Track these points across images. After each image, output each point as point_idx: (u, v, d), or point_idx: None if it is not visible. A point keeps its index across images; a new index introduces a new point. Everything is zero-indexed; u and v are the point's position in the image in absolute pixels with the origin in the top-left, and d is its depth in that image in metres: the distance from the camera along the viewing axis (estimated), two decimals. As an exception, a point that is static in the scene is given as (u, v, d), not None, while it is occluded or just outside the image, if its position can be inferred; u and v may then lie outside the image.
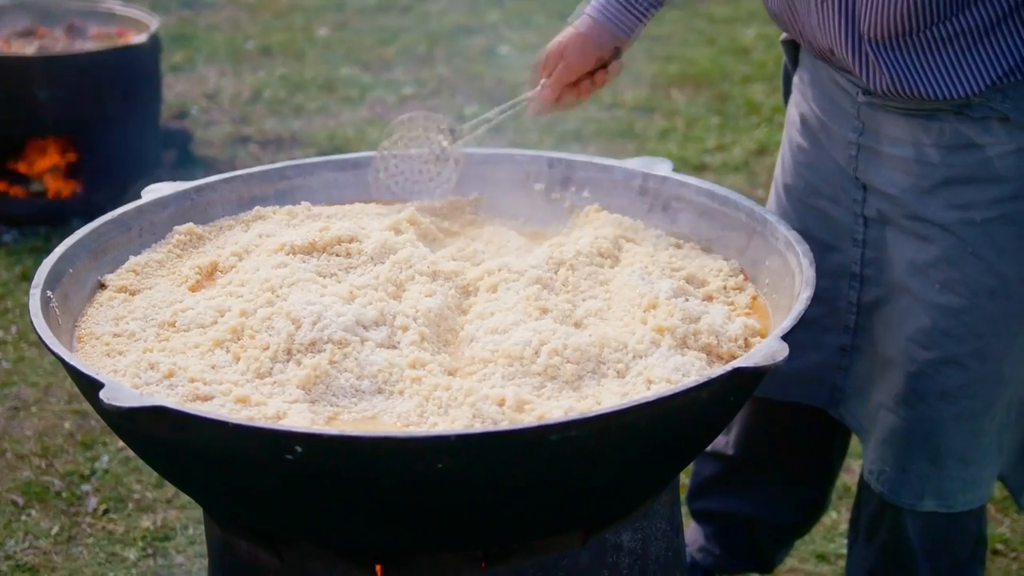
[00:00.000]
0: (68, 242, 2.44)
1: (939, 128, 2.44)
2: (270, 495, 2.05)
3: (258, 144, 6.28)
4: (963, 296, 2.49)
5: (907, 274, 2.55)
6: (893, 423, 2.62)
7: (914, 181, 2.49)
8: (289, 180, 2.77)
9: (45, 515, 3.62)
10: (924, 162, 2.47)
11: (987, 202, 2.44)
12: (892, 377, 2.62)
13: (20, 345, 4.46)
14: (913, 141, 2.47)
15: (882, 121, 2.51)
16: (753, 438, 3.06)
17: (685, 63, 7.24)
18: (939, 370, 2.54)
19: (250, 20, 8.15)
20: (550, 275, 2.40)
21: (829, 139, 2.64)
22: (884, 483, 2.67)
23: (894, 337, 2.60)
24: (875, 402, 2.68)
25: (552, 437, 1.90)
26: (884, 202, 2.56)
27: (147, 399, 1.95)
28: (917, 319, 2.54)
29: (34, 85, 5.28)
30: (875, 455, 2.68)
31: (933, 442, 2.59)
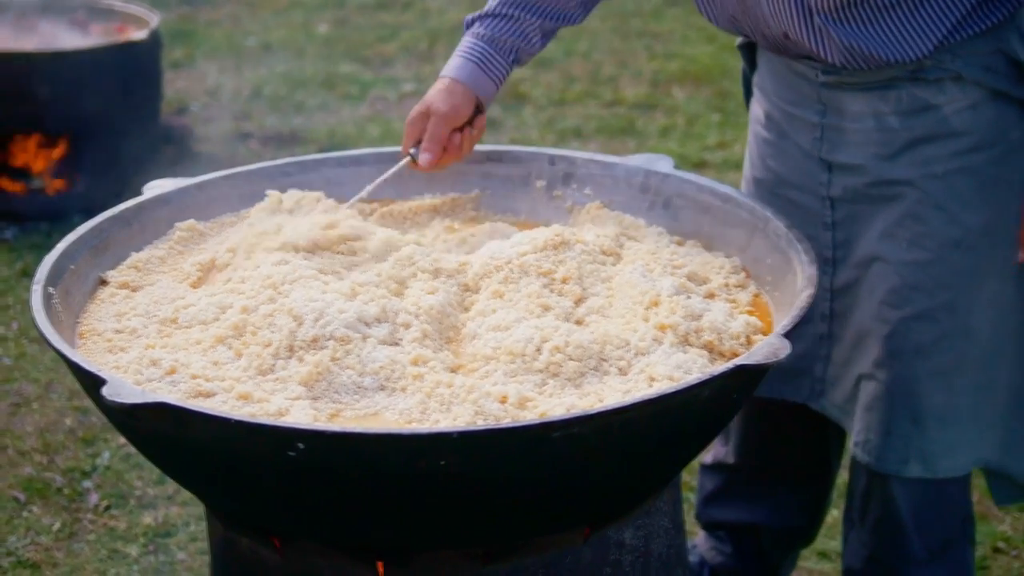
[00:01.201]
0: (70, 238, 2.45)
1: (896, 96, 2.53)
2: (272, 492, 2.05)
3: (258, 141, 6.27)
4: (930, 250, 2.57)
5: (877, 241, 2.61)
6: (875, 389, 2.67)
7: (877, 149, 2.58)
8: (290, 177, 2.77)
9: (46, 511, 3.62)
10: (885, 129, 2.56)
11: (947, 156, 2.54)
12: (869, 344, 2.67)
13: (21, 341, 4.46)
14: (873, 112, 2.56)
15: (843, 99, 2.59)
16: (750, 444, 3.09)
17: (686, 60, 7.24)
18: (911, 326, 2.61)
19: (250, 17, 8.14)
20: (550, 265, 2.39)
21: (793, 127, 2.70)
22: (870, 451, 2.71)
23: (867, 307, 2.66)
24: (855, 377, 2.72)
25: (554, 434, 1.90)
26: (850, 176, 2.63)
27: (149, 396, 1.95)
28: (887, 281, 2.61)
29: (35, 81, 5.27)
30: (860, 426, 2.72)
31: (912, 401, 2.64)
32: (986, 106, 2.52)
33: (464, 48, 2.69)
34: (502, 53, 2.68)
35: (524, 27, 2.69)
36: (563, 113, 6.61)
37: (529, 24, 2.69)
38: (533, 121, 6.50)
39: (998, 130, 2.53)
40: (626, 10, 7.99)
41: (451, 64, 2.69)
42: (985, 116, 2.52)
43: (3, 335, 4.50)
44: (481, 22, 2.70)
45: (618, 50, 7.45)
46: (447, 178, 2.81)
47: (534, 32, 2.70)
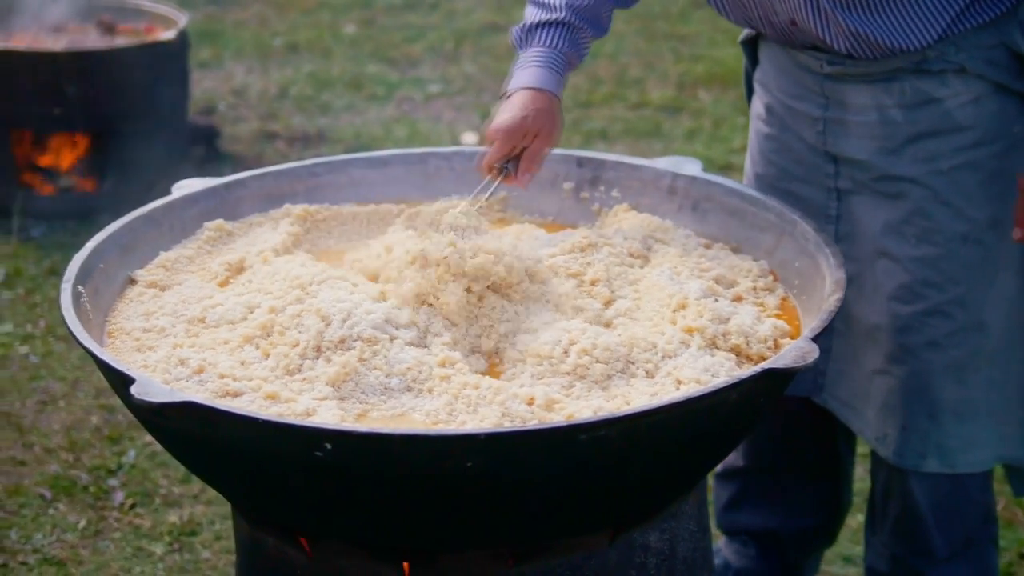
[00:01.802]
0: (99, 237, 2.45)
1: (899, 88, 2.55)
2: (299, 492, 2.06)
3: (285, 141, 6.29)
4: (938, 245, 2.58)
5: (883, 236, 2.62)
6: (890, 384, 2.68)
7: (880, 143, 2.59)
8: (318, 177, 2.78)
9: (72, 509, 3.64)
10: (888, 123, 2.57)
11: (951, 151, 2.55)
12: (879, 340, 2.68)
13: (48, 340, 4.48)
14: (876, 105, 2.57)
15: (846, 92, 2.60)
16: (759, 444, 3.09)
17: (712, 63, 7.23)
18: (924, 321, 2.62)
19: (278, 17, 8.16)
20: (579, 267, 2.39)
21: (796, 120, 2.72)
22: (889, 446, 2.71)
23: (874, 302, 2.66)
24: (867, 372, 2.72)
25: (581, 436, 1.90)
26: (855, 170, 2.64)
27: (177, 395, 1.96)
28: (897, 277, 2.62)
29: (63, 80, 5.29)
30: (877, 422, 2.72)
31: (928, 396, 2.65)
32: (989, 100, 2.53)
33: (543, 57, 2.62)
34: (565, 60, 2.64)
35: (579, 36, 2.65)
36: (589, 115, 6.60)
37: (582, 33, 2.66)
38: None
39: (1001, 124, 2.54)
40: (652, 12, 7.99)
41: (537, 74, 2.61)
42: (988, 110, 2.53)
43: (31, 333, 4.52)
44: (544, 30, 2.64)
45: (644, 52, 7.45)
46: (475, 179, 2.80)
47: (585, 42, 2.67)
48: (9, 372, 4.28)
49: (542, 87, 2.58)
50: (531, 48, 2.64)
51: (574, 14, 2.64)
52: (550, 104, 2.59)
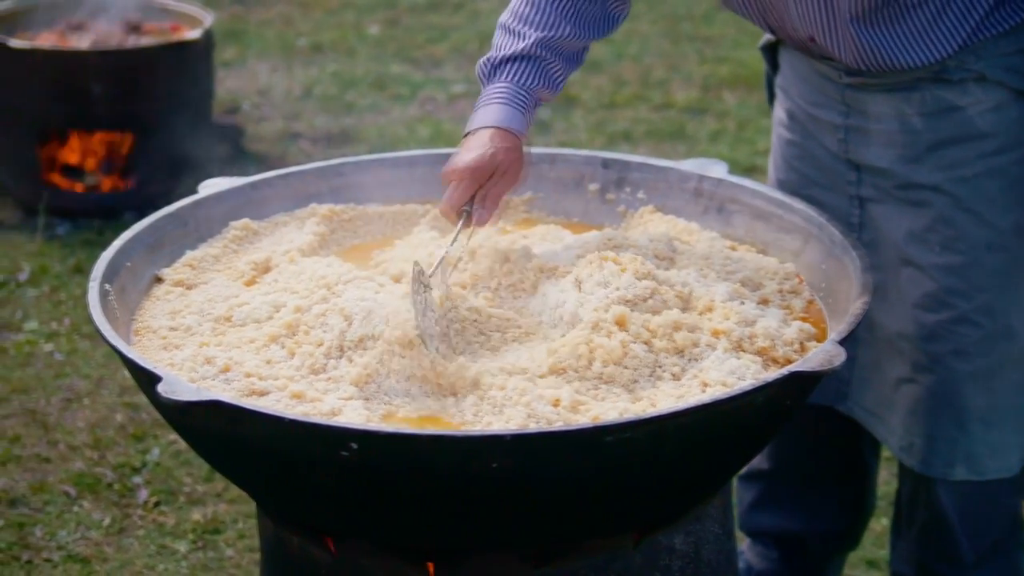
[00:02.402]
0: (126, 236, 2.46)
1: (920, 97, 2.54)
2: (324, 491, 2.06)
3: (309, 140, 6.30)
4: (963, 253, 2.57)
5: (906, 244, 2.61)
6: (916, 393, 2.67)
7: (902, 151, 2.58)
8: (344, 177, 2.78)
9: (97, 506, 3.65)
10: (909, 131, 2.56)
11: (973, 158, 2.54)
12: (904, 349, 2.66)
13: (73, 337, 4.49)
14: (897, 114, 2.57)
15: (866, 101, 2.59)
16: (784, 448, 3.08)
17: (736, 64, 7.21)
18: (951, 329, 2.60)
19: (302, 17, 8.17)
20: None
21: (817, 127, 2.71)
22: (915, 455, 2.70)
23: (899, 311, 2.65)
24: (892, 380, 2.71)
25: (607, 438, 1.90)
26: (877, 177, 2.63)
27: (204, 393, 1.97)
28: (921, 286, 2.61)
29: (88, 79, 5.31)
30: (902, 430, 2.71)
31: (955, 404, 2.63)
32: (1010, 106, 2.52)
33: (507, 94, 2.49)
34: (533, 97, 2.51)
35: (550, 71, 2.54)
36: (613, 116, 6.60)
37: (553, 67, 2.54)
38: (582, 124, 6.49)
39: (1023, 130, 2.53)
40: (677, 14, 7.97)
41: (500, 112, 2.47)
42: (1009, 116, 2.52)
43: (56, 331, 4.54)
44: (511, 66, 2.52)
45: (668, 53, 7.44)
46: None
47: (556, 77, 2.55)
48: (34, 370, 4.30)
49: (507, 126, 2.45)
50: (497, 83, 2.51)
51: (544, 48, 2.52)
52: (515, 143, 2.46)
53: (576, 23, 2.55)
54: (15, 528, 3.56)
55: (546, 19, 2.54)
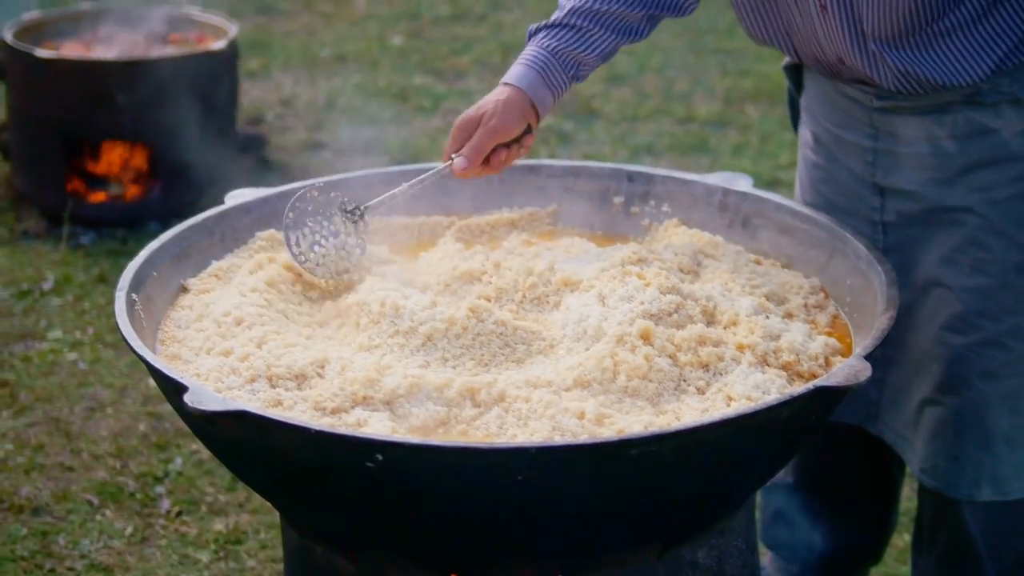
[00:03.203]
0: (152, 246, 2.47)
1: (952, 120, 2.51)
2: (349, 502, 2.06)
3: (332, 151, 6.31)
4: (993, 275, 2.55)
5: (937, 266, 2.59)
6: (940, 414, 2.65)
7: (933, 174, 2.56)
8: (372, 188, 2.78)
9: (119, 515, 3.66)
10: (941, 154, 2.54)
11: (1007, 181, 2.52)
12: (931, 370, 2.65)
13: (97, 346, 4.51)
14: (928, 137, 2.54)
15: (897, 124, 2.57)
16: (812, 464, 3.07)
17: (759, 78, 7.21)
18: (979, 352, 2.58)
19: (326, 28, 8.20)
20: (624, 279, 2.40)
21: (843, 151, 2.69)
22: (939, 478, 2.68)
23: (926, 332, 2.63)
24: (916, 402, 2.70)
25: (632, 451, 1.90)
26: (905, 201, 2.60)
27: (230, 403, 1.97)
28: (950, 307, 2.59)
29: (114, 89, 5.34)
30: (926, 452, 2.69)
31: (981, 426, 2.61)
32: None
33: (527, 56, 2.59)
34: (564, 65, 2.57)
35: (590, 39, 2.59)
36: (635, 129, 6.60)
37: (595, 37, 2.59)
38: (605, 136, 6.49)
39: None
40: (700, 27, 7.97)
41: (512, 71, 2.58)
42: None
43: (79, 340, 4.56)
44: (547, 32, 2.60)
45: (691, 67, 7.44)
46: (525, 192, 2.82)
47: (598, 45, 2.60)
48: (58, 378, 4.31)
49: (515, 83, 2.54)
50: (527, 49, 2.61)
51: (577, 16, 2.58)
52: (518, 100, 2.53)
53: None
54: (38, 536, 3.57)
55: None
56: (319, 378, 2.16)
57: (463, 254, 2.54)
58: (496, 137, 2.53)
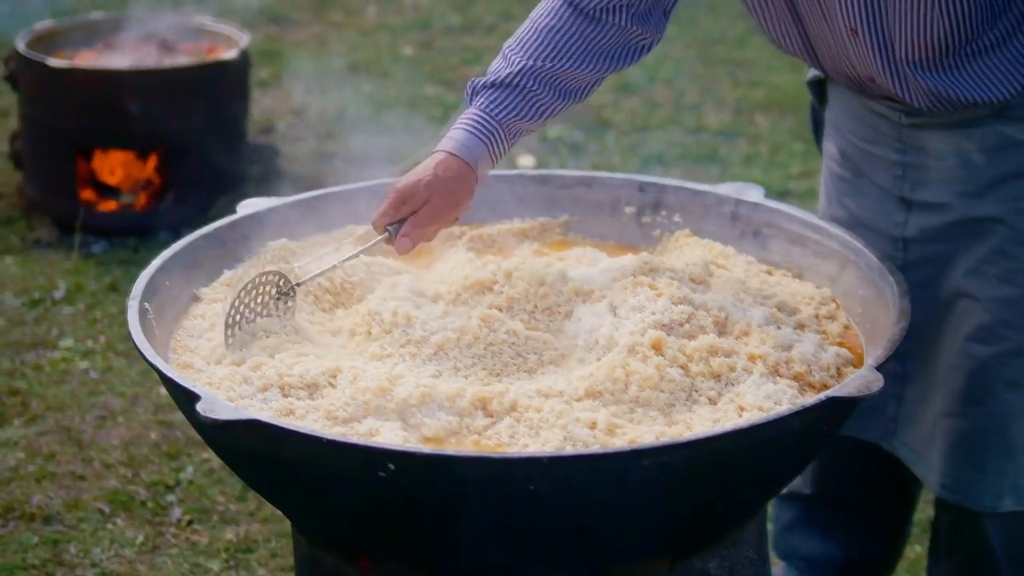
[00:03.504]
0: (165, 255, 2.48)
1: (982, 134, 2.50)
2: (360, 511, 2.07)
3: (343, 161, 6.31)
4: (1020, 285, 2.54)
5: (963, 278, 2.58)
6: (961, 427, 2.63)
7: (962, 187, 2.55)
8: (381, 198, 2.79)
9: (130, 524, 3.67)
10: (971, 167, 2.53)
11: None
12: (952, 382, 2.63)
13: (108, 355, 4.52)
14: (958, 151, 2.53)
15: (925, 138, 2.56)
16: (828, 475, 3.06)
17: (770, 88, 7.21)
18: (1004, 362, 2.57)
19: (337, 38, 8.21)
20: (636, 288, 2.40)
21: (871, 165, 2.68)
22: (961, 491, 2.67)
23: (948, 344, 2.62)
24: (934, 416, 2.68)
25: (644, 462, 1.90)
26: (931, 215, 2.59)
27: (242, 412, 1.98)
28: (975, 318, 2.57)
29: (126, 98, 5.35)
30: (945, 467, 2.67)
31: (1004, 435, 2.60)
32: None
33: (472, 121, 2.43)
34: (508, 133, 2.45)
35: (537, 104, 2.46)
36: (645, 139, 6.60)
37: (543, 100, 2.46)
38: (615, 146, 6.49)
39: None
40: (710, 37, 7.98)
41: (457, 139, 2.41)
42: None
43: (91, 348, 4.57)
44: (494, 93, 2.45)
45: (701, 77, 7.44)
46: (536, 202, 2.82)
47: (544, 110, 2.47)
48: (69, 387, 4.32)
49: (456, 153, 2.39)
50: (471, 109, 2.45)
51: (530, 78, 2.44)
52: (459, 173, 2.39)
53: (582, 57, 2.46)
54: (49, 545, 3.57)
55: (542, 49, 2.46)
56: (331, 387, 2.16)
57: (475, 264, 2.54)
58: (441, 219, 2.43)
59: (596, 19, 2.47)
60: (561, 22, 2.47)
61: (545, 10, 2.50)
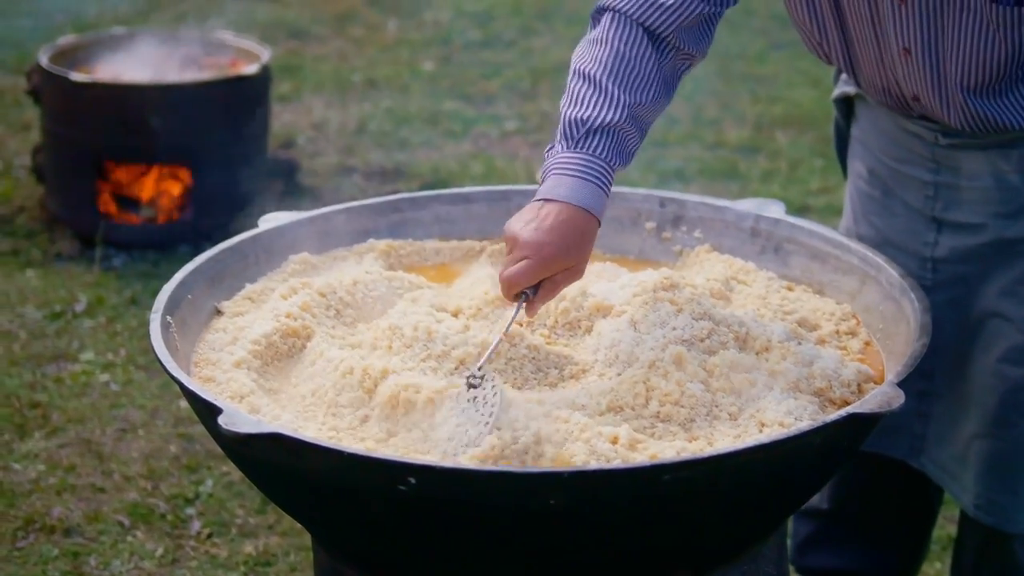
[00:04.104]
0: (187, 268, 2.49)
1: (1018, 155, 2.48)
2: (381, 525, 2.07)
3: (363, 175, 6.34)
4: None
5: (996, 299, 2.56)
6: (995, 448, 2.62)
7: (996, 208, 2.53)
8: (401, 213, 2.80)
9: (150, 537, 3.68)
10: (1006, 188, 2.51)
11: None
12: (985, 403, 2.61)
13: (129, 368, 4.53)
14: (992, 171, 2.51)
15: (960, 158, 2.54)
16: (848, 491, 3.06)
17: (789, 104, 7.21)
18: None
19: (357, 53, 8.24)
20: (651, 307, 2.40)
21: (901, 184, 2.66)
22: (996, 513, 2.65)
23: (980, 364, 2.61)
24: (966, 437, 2.66)
25: (665, 477, 1.90)
26: (963, 236, 2.58)
27: (264, 426, 1.99)
28: (1008, 339, 2.56)
29: (147, 113, 5.38)
30: (979, 488, 2.66)
31: None
32: None
33: (598, 173, 2.25)
34: (612, 170, 2.29)
35: (630, 145, 2.32)
36: (664, 154, 6.60)
37: (632, 141, 2.32)
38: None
39: None
40: (730, 53, 7.98)
41: (593, 196, 2.23)
42: None
43: (112, 361, 4.58)
44: (601, 139, 2.26)
45: (721, 93, 7.44)
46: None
47: (633, 150, 2.34)
48: (90, 400, 4.34)
49: (596, 214, 2.24)
50: (583, 153, 2.25)
51: (632, 116, 2.28)
52: (593, 233, 2.25)
53: (660, 88, 2.32)
54: (70, 557, 3.59)
55: (637, 82, 2.30)
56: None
57: (496, 279, 2.55)
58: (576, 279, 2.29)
59: (663, 43, 2.35)
60: (642, 51, 2.32)
61: (623, 36, 2.32)
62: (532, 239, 2.19)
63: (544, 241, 2.18)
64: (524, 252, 2.19)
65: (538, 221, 2.20)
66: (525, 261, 2.19)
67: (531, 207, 2.24)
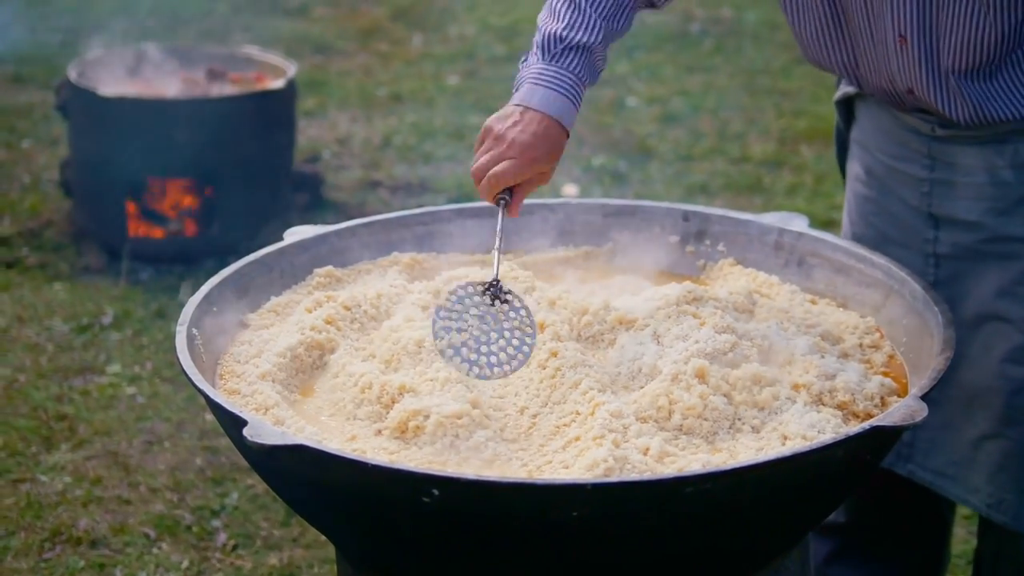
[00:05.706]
0: (213, 282, 2.50)
1: (1012, 150, 2.51)
2: (405, 536, 2.08)
3: (388, 189, 6.36)
4: None
5: (993, 299, 2.58)
6: (1004, 448, 2.63)
7: (991, 204, 2.55)
8: (426, 226, 2.82)
9: (176, 548, 3.69)
10: (1000, 183, 2.54)
11: None
12: (990, 404, 2.63)
13: (155, 381, 4.56)
14: (987, 167, 2.54)
15: (955, 153, 2.57)
16: (863, 505, 3.06)
17: (814, 118, 7.20)
18: None
19: (382, 68, 8.27)
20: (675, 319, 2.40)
21: (898, 182, 2.69)
22: (1007, 511, 2.66)
23: (980, 367, 2.62)
24: (972, 439, 2.67)
25: (687, 489, 1.90)
26: (962, 233, 2.60)
27: (289, 438, 2.00)
28: (1009, 339, 2.57)
29: (174, 127, 5.41)
30: (991, 488, 2.67)
31: None
32: None
33: (568, 85, 2.40)
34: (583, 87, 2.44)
35: (599, 65, 2.47)
36: (689, 169, 6.61)
37: (601, 61, 2.47)
38: (659, 176, 6.50)
39: None
40: (754, 67, 7.99)
41: (561, 105, 2.39)
42: None
43: (138, 374, 4.61)
44: (577, 56, 2.41)
45: (746, 107, 7.45)
46: (580, 231, 2.83)
47: (599, 70, 2.47)
48: (116, 412, 4.36)
49: (560, 121, 2.38)
50: (559, 67, 2.41)
51: (604, 45, 2.44)
52: (563, 144, 2.40)
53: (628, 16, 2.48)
54: (96, 569, 3.60)
55: (611, 5, 2.46)
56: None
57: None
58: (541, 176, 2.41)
59: None
60: None
61: None
62: (520, 141, 2.34)
63: (530, 144, 2.34)
64: (511, 152, 2.34)
65: (523, 125, 2.36)
66: (511, 161, 2.34)
67: (512, 110, 2.39)
